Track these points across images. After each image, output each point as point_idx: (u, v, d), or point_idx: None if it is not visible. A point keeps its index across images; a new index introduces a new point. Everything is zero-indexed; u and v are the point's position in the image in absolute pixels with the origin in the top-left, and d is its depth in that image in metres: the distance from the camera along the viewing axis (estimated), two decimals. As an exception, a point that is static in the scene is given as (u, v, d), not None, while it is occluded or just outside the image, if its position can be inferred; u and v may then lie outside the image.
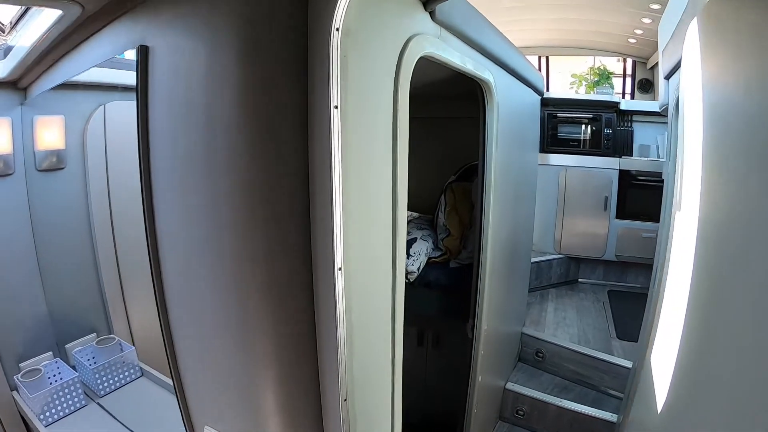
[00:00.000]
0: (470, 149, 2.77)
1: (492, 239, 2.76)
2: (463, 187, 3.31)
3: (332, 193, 1.29)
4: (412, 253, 3.14)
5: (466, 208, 3.26)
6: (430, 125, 4.08)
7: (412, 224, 3.60)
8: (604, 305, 4.98)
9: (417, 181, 3.97)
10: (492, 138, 2.63)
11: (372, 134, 1.46)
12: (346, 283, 1.35)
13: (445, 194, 3.33)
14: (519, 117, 3.44)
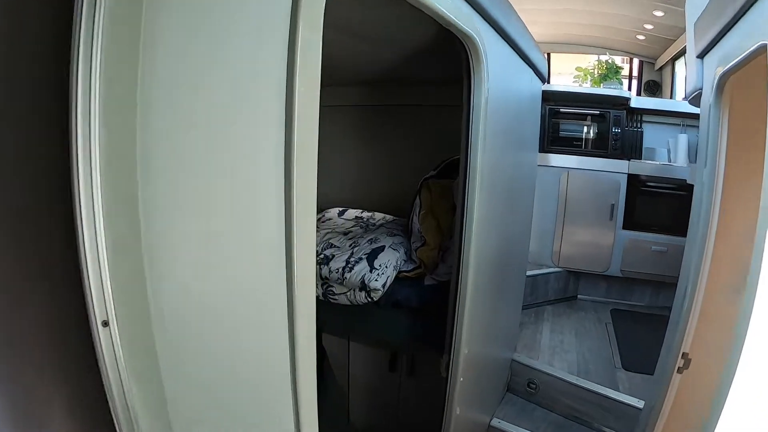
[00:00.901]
0: (456, 142, 2.21)
1: (476, 251, 2.16)
2: (442, 186, 2.66)
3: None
4: (378, 266, 2.50)
5: (445, 211, 2.61)
6: (407, 114, 3.45)
7: (382, 229, 2.95)
8: (607, 327, 4.33)
9: (389, 178, 3.33)
10: (479, 120, 2.02)
11: (235, 112, 0.92)
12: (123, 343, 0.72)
13: (420, 193, 2.68)
14: (516, 102, 2.80)
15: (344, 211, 3.43)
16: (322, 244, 2.78)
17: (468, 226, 2.11)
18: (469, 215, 2.10)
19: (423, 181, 2.70)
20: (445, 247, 2.59)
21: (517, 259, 3.49)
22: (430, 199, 2.63)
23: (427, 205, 2.63)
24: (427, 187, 2.66)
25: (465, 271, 2.14)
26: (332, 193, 3.87)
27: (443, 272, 2.55)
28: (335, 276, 2.56)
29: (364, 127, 3.67)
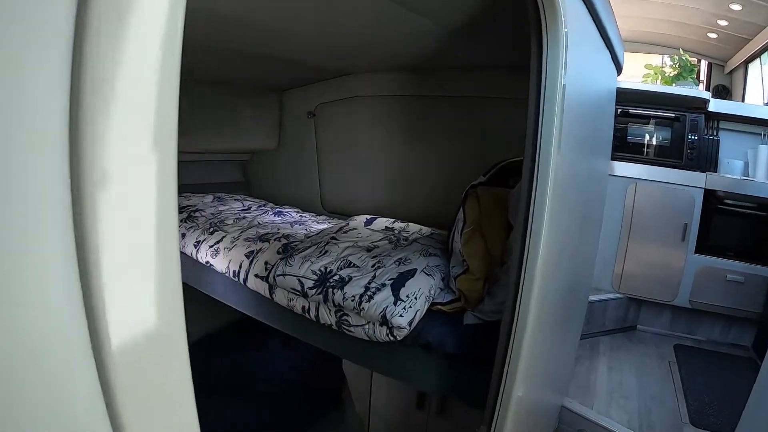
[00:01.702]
0: (511, 142, 1.91)
1: (542, 284, 1.59)
2: (494, 195, 2.06)
3: None
4: (405, 297, 1.93)
5: (498, 230, 2.01)
6: (454, 106, 2.86)
7: (415, 246, 2.37)
8: (671, 367, 3.65)
9: (430, 182, 2.71)
10: (553, 113, 1.44)
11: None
12: None
13: (465, 204, 2.08)
14: (596, 91, 2.19)
15: (372, 220, 2.86)
16: (338, 261, 2.22)
17: (532, 252, 1.53)
18: (535, 237, 1.51)
19: (470, 189, 2.11)
20: (495, 278, 1.99)
21: (584, 286, 2.87)
22: (477, 212, 2.04)
23: (473, 220, 2.04)
24: (475, 197, 2.07)
25: (525, 309, 1.57)
26: (361, 198, 3.31)
27: (489, 309, 1.95)
28: (350, 304, 2.00)
29: (401, 122, 3.09)
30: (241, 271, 2.57)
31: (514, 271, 1.57)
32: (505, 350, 1.63)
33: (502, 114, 2.65)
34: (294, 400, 3.21)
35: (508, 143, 2.56)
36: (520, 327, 1.58)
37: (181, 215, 3.19)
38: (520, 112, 1.76)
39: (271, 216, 3.25)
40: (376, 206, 3.20)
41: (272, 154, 3.83)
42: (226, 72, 3.12)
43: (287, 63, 2.81)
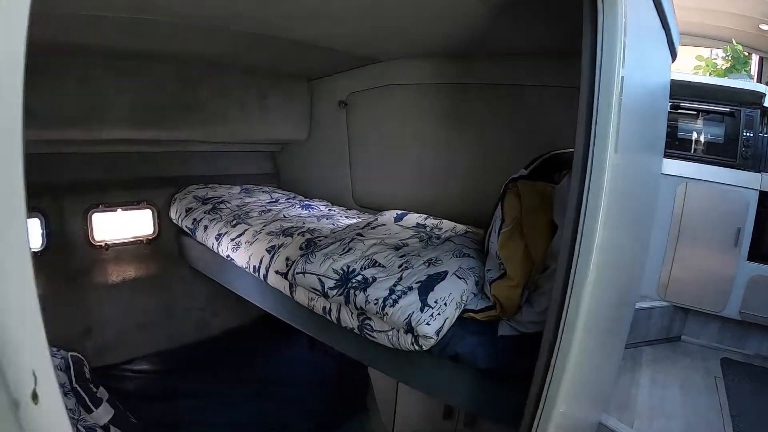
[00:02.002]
0: (556, 133, 1.85)
1: (593, 292, 1.37)
2: (537, 190, 1.85)
3: None
4: (433, 302, 1.75)
5: (540, 230, 1.79)
6: (496, 95, 2.66)
7: (448, 246, 2.18)
8: (717, 383, 3.37)
9: (467, 176, 2.48)
10: (610, 102, 1.25)
11: None
12: None
13: (504, 200, 1.88)
14: (652, 79, 1.95)
15: (403, 216, 2.66)
16: (363, 260, 2.05)
17: (582, 258, 1.33)
18: (586, 242, 1.32)
19: (509, 183, 1.90)
20: (535, 285, 1.78)
21: (632, 293, 2.63)
22: (518, 210, 1.83)
23: (513, 219, 1.83)
24: (515, 193, 1.86)
25: (571, 322, 1.37)
26: (393, 192, 3.13)
27: (528, 320, 1.75)
28: (373, 308, 1.83)
29: (436, 111, 2.89)
30: (262, 266, 2.43)
31: (560, 279, 1.38)
32: (546, 367, 1.43)
33: (546, 103, 2.43)
34: (317, 402, 3.06)
35: (552, 134, 2.35)
36: (565, 342, 1.39)
37: (206, 206, 3.06)
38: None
39: (298, 209, 3.09)
40: (409, 201, 3.02)
41: (302, 146, 3.68)
42: (253, 59, 2.98)
43: (316, 49, 2.64)
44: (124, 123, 2.84)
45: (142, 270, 3.34)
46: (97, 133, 2.81)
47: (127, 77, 2.78)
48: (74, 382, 2.53)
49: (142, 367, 3.19)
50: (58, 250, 3.00)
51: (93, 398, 2.47)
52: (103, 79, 2.70)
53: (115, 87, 2.75)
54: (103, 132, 2.83)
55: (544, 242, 1.74)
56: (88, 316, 3.13)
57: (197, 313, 3.56)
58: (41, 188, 2.92)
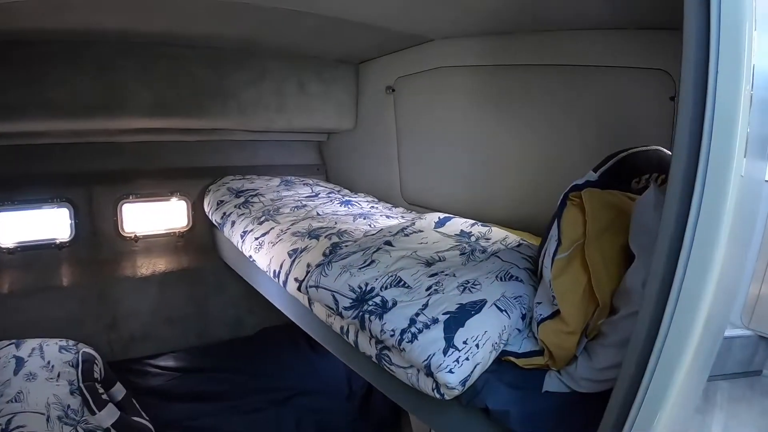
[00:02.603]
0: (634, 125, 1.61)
1: (695, 350, 0.94)
2: (608, 203, 1.38)
3: None
4: (461, 343, 1.36)
5: (611, 257, 1.33)
6: (560, 79, 2.21)
7: (493, 263, 1.74)
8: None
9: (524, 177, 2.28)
10: (737, 97, 0.81)
11: None
12: None
13: (563, 213, 1.42)
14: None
15: (446, 221, 2.23)
16: (385, 276, 1.66)
17: (683, 303, 0.90)
18: (693, 279, 0.89)
19: (570, 191, 1.44)
20: (597, 331, 1.33)
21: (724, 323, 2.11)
22: (580, 229, 1.37)
23: (572, 242, 1.38)
24: (578, 206, 1.41)
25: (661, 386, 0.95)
26: (443, 189, 2.72)
27: (584, 376, 1.31)
28: (389, 340, 1.46)
29: (493, 97, 2.43)
30: (282, 272, 2.10)
31: (643, 328, 0.95)
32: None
33: (621, 88, 1.93)
34: (343, 418, 2.71)
35: (628, 126, 1.91)
36: (646, 411, 0.96)
37: (238, 199, 2.78)
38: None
39: (336, 205, 2.74)
40: (459, 200, 2.60)
41: (349, 135, 3.32)
42: (289, 40, 2.65)
43: (359, 27, 2.28)
44: (149, 111, 2.62)
45: (174, 263, 3.13)
46: (120, 122, 2.63)
47: (149, 63, 2.56)
48: (81, 381, 2.33)
49: (167, 363, 2.98)
50: (87, 241, 2.88)
51: (97, 399, 2.26)
52: (124, 66, 2.50)
53: (136, 74, 2.53)
54: (127, 121, 2.64)
55: (615, 276, 1.29)
56: (114, 308, 2.97)
57: (231, 311, 3.32)
58: (71, 178, 2.81)
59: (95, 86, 2.45)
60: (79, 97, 2.43)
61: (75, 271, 2.85)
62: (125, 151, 2.92)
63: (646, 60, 1.83)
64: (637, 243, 1.22)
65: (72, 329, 2.80)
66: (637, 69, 1.87)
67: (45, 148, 2.70)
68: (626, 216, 1.31)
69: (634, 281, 1.21)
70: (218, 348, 3.17)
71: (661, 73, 1.78)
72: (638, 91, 1.89)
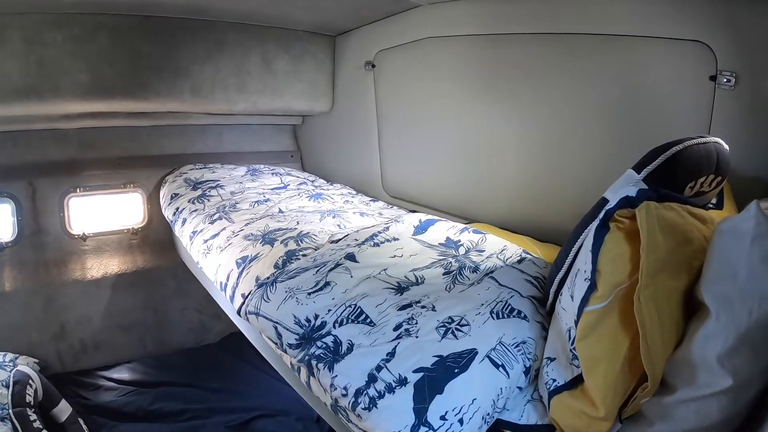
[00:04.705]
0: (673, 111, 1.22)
1: None
2: (669, 222, 0.90)
3: None
4: (438, 418, 0.91)
5: (670, 303, 0.84)
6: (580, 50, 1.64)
7: (486, 289, 1.26)
8: None
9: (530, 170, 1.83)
10: None
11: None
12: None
13: (601, 244, 0.92)
14: None
15: (428, 225, 1.72)
16: (342, 306, 1.19)
17: None
18: None
19: (616, 209, 0.95)
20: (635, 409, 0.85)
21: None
22: (628, 266, 0.90)
23: (615, 282, 0.90)
24: (623, 228, 0.93)
25: None
26: (431, 182, 2.26)
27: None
28: (341, 400, 1.01)
29: (490, 74, 1.92)
30: (229, 284, 1.62)
31: None
32: None
33: (653, 64, 1.44)
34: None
35: (659, 112, 1.43)
36: None
37: (195, 192, 2.29)
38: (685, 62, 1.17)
39: (304, 200, 2.25)
40: (447, 194, 2.14)
41: (324, 118, 2.81)
42: (251, 7, 2.15)
43: None
44: (87, 93, 2.15)
45: (128, 263, 2.66)
46: (54, 106, 2.16)
47: (84, 36, 2.08)
48: (11, 407, 1.90)
49: (121, 376, 2.52)
50: (31, 241, 2.44)
51: (28, 429, 1.85)
52: (54, 40, 2.02)
53: (69, 50, 2.06)
54: (62, 105, 2.16)
55: (672, 338, 0.82)
56: (62, 315, 2.52)
57: (194, 315, 2.85)
58: (10, 170, 2.36)
59: (22, 66, 1.99)
60: (4, 80, 1.98)
61: (18, 274, 2.42)
62: (70, 138, 2.46)
63: (680, 29, 1.34)
64: (715, 292, 0.76)
65: (15, 339, 2.38)
66: (669, 40, 1.38)
67: None
68: (691, 245, 0.83)
69: (706, 350, 0.75)
70: (178, 357, 2.70)
71: (700, 47, 1.30)
72: (669, 67, 1.41)
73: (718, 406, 0.76)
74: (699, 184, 1.01)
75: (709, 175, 1.03)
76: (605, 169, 1.20)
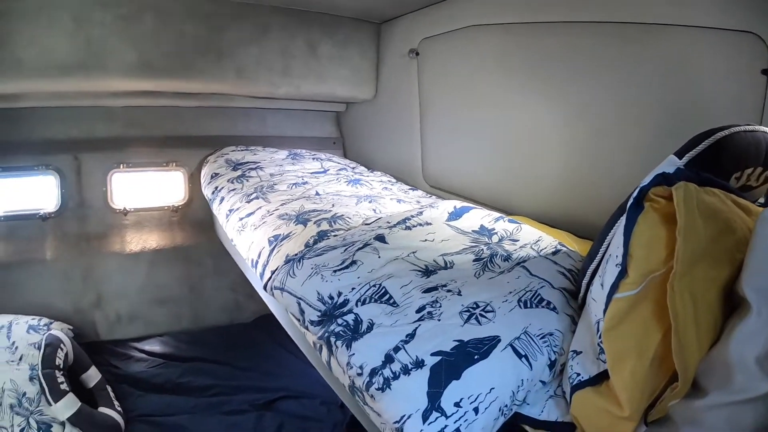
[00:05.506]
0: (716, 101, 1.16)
1: None
2: (710, 207, 0.83)
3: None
4: (452, 405, 0.87)
5: (709, 297, 0.79)
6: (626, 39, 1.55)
7: (517, 277, 1.22)
8: None
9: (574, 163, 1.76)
10: None
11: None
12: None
13: (634, 224, 0.86)
14: None
15: (463, 212, 1.69)
16: (366, 285, 1.18)
17: None
18: None
19: (648, 187, 0.89)
20: (662, 412, 0.80)
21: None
22: (662, 250, 0.84)
23: (648, 268, 0.84)
24: (659, 209, 0.86)
25: None
26: (470, 173, 2.22)
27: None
28: (357, 378, 1.00)
29: (526, 65, 1.86)
30: (259, 262, 1.63)
31: None
32: None
33: (701, 55, 1.35)
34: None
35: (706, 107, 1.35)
36: None
37: (234, 173, 2.32)
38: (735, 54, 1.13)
39: (342, 184, 2.24)
40: (487, 186, 2.09)
41: (368, 106, 2.81)
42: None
43: None
44: (133, 71, 2.19)
45: (167, 240, 2.73)
46: (101, 82, 2.21)
47: (131, 16, 2.12)
48: (41, 367, 1.96)
49: (153, 348, 2.59)
50: (73, 213, 2.53)
51: (55, 389, 1.91)
52: (103, 20, 2.07)
53: (116, 29, 2.10)
54: (108, 81, 2.21)
55: (708, 336, 0.76)
56: (100, 286, 2.60)
57: (228, 294, 2.90)
58: (58, 145, 2.45)
59: (71, 43, 2.04)
60: (53, 55, 2.03)
61: (59, 244, 2.51)
62: (117, 116, 2.53)
63: (729, 20, 1.26)
64: (757, 286, 0.70)
65: (52, 306, 2.47)
66: (718, 31, 1.29)
67: (26, 112, 2.35)
68: (734, 236, 0.77)
69: (744, 350, 0.70)
70: (211, 334, 2.75)
71: (752, 38, 1.21)
72: (718, 59, 1.31)
73: (754, 413, 0.70)
74: (746, 176, 0.94)
75: (757, 167, 0.95)
76: (648, 164, 1.14)
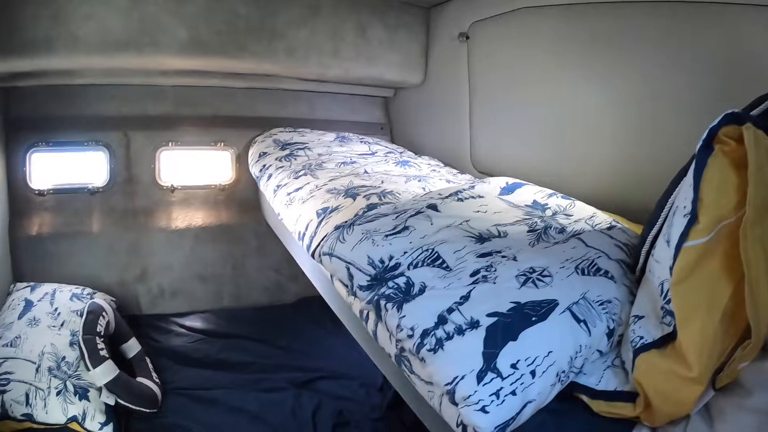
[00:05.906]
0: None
1: None
2: None
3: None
4: (508, 366, 0.85)
5: None
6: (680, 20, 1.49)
7: (573, 247, 1.18)
8: None
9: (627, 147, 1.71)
10: None
11: None
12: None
13: (704, 166, 0.82)
14: None
15: (515, 187, 1.66)
16: (419, 250, 1.16)
17: None
18: None
19: (718, 127, 0.84)
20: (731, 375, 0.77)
21: None
22: (734, 195, 0.80)
23: (719, 214, 0.80)
24: (728, 152, 0.82)
25: None
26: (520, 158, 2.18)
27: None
28: (407, 341, 0.98)
29: (578, 47, 1.83)
30: (306, 234, 1.64)
31: None
32: None
33: (759, 34, 1.28)
34: (369, 413, 2.23)
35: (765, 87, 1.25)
36: None
37: (283, 152, 2.34)
38: None
39: (391, 165, 2.24)
40: (537, 171, 2.00)
41: (417, 91, 2.79)
42: None
43: None
44: (184, 49, 2.23)
45: (213, 218, 2.77)
46: (153, 60, 2.25)
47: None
48: (82, 333, 2.02)
49: (194, 324, 2.63)
50: (121, 188, 2.60)
51: (94, 355, 1.94)
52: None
53: (168, 7, 2.15)
54: (160, 59, 2.26)
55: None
56: (145, 260, 2.67)
57: (271, 274, 2.93)
58: (108, 121, 2.52)
59: (124, 20, 2.10)
60: (107, 32, 2.09)
61: (106, 218, 2.58)
62: (166, 94, 2.60)
63: None
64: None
65: (97, 278, 2.54)
66: None
67: (79, 90, 2.43)
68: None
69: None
70: (251, 313, 2.79)
71: None
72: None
73: None
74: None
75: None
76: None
